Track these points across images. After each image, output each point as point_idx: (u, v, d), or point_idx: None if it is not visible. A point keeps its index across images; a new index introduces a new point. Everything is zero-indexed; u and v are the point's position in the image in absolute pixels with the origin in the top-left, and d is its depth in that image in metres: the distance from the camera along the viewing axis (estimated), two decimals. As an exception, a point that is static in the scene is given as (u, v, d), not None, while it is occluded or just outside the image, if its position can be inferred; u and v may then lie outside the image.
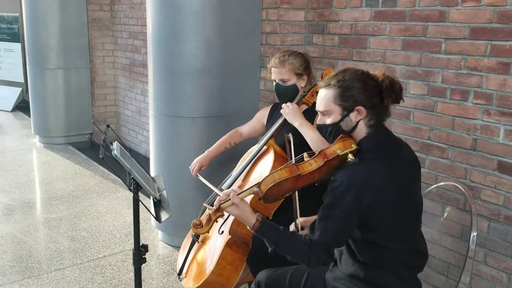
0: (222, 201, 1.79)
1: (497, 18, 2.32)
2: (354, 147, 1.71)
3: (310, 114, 2.51)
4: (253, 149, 2.59)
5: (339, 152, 1.70)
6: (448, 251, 2.65)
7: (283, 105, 2.47)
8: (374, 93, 1.71)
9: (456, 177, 2.59)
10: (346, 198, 1.64)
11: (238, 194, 1.77)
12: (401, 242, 1.77)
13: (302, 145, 2.31)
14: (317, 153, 1.75)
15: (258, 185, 1.75)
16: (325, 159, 1.71)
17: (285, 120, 2.48)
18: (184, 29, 3.13)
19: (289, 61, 2.47)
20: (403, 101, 1.81)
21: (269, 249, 1.78)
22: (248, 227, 1.80)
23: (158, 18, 3.21)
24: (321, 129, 1.80)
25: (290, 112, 2.41)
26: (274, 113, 2.70)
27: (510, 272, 2.43)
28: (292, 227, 2.03)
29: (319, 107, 1.77)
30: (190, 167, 2.75)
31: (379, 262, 1.76)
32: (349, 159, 1.69)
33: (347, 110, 1.71)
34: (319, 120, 1.80)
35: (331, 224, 1.69)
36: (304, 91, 2.55)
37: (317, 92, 2.49)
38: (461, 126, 2.54)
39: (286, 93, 2.52)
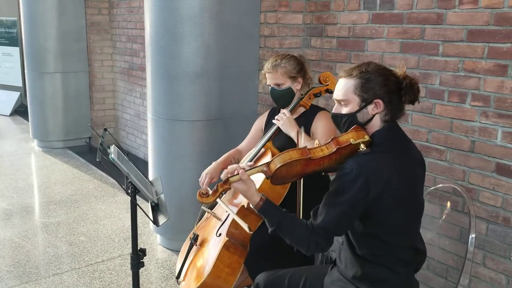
0: (230, 175, 1.79)
1: (494, 20, 2.33)
2: (367, 138, 1.72)
3: (307, 116, 2.52)
4: (251, 152, 2.59)
5: (352, 140, 1.70)
6: (447, 253, 2.65)
7: (277, 116, 2.47)
8: (393, 89, 1.74)
9: (454, 179, 2.58)
10: (354, 186, 1.64)
11: (246, 171, 1.77)
12: (402, 238, 1.78)
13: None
14: (329, 140, 1.74)
15: (268, 164, 1.74)
16: (338, 146, 1.70)
17: None
18: (182, 32, 3.13)
19: (281, 65, 2.46)
20: (419, 102, 1.83)
21: (269, 230, 1.78)
22: (251, 205, 1.81)
23: (156, 22, 3.21)
24: (336, 118, 1.80)
25: (285, 123, 2.42)
26: (273, 116, 2.70)
27: (509, 274, 2.43)
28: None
29: (337, 95, 1.78)
30: (199, 179, 2.66)
31: (378, 257, 1.77)
32: (360, 149, 1.69)
33: (365, 102, 1.72)
34: (334, 109, 1.80)
35: (335, 210, 1.69)
36: (301, 94, 2.56)
37: (314, 94, 2.52)
38: (459, 128, 2.54)
39: (281, 97, 2.52)
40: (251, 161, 2.52)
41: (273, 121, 2.48)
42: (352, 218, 1.71)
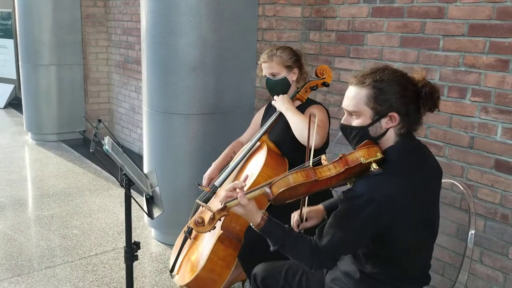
0: (229, 200, 1.66)
1: (497, 14, 2.30)
2: (379, 156, 1.56)
3: (301, 109, 2.50)
4: (247, 146, 2.56)
5: (362, 160, 1.55)
6: (444, 250, 2.63)
7: (275, 97, 2.48)
8: (411, 100, 1.57)
9: (452, 175, 2.56)
10: (364, 213, 1.51)
11: (246, 194, 1.64)
12: (414, 260, 1.69)
13: (288, 129, 2.36)
14: (337, 158, 1.59)
15: (270, 186, 1.61)
16: (346, 166, 1.57)
17: (278, 116, 2.46)
18: (179, 25, 3.09)
19: (277, 55, 2.48)
20: (439, 110, 1.67)
21: (271, 248, 1.69)
22: (252, 226, 1.71)
23: (153, 14, 3.16)
24: (345, 129, 1.64)
25: (279, 100, 2.44)
26: (269, 110, 2.69)
27: (506, 271, 2.41)
28: (295, 216, 1.94)
29: (347, 106, 1.61)
30: (203, 184, 2.68)
31: (386, 276, 1.68)
32: (372, 169, 1.55)
33: (379, 115, 1.56)
34: (344, 119, 1.65)
35: (341, 234, 1.57)
36: (297, 87, 2.53)
37: (311, 88, 2.50)
38: (459, 124, 2.52)
39: (276, 87, 2.51)
40: (246, 154, 2.50)
41: (272, 102, 2.50)
42: (360, 242, 1.61)
